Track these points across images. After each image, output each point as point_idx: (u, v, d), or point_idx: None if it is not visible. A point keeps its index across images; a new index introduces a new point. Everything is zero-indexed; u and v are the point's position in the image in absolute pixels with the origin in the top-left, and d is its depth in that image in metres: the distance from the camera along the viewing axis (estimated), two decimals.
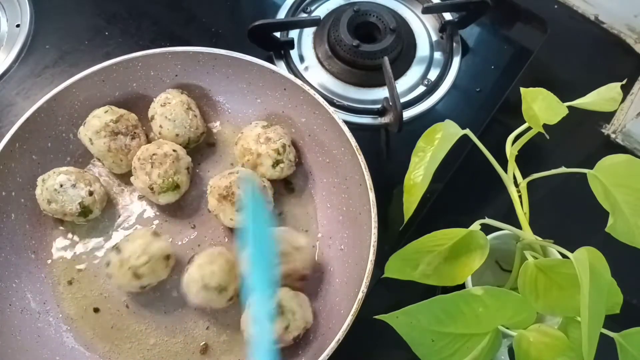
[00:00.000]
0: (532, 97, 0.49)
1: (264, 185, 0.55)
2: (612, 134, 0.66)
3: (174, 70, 0.60)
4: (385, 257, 0.43)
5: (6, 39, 0.69)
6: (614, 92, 0.50)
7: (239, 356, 0.52)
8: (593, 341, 0.34)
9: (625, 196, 0.40)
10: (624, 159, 0.41)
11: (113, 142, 0.56)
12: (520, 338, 0.39)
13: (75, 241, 0.57)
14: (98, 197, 0.55)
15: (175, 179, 0.55)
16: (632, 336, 0.40)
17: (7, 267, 0.53)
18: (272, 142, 0.56)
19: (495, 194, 0.60)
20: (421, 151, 0.45)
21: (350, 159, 0.55)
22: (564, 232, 0.47)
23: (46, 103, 0.55)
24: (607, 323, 0.36)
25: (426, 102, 0.68)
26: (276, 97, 0.60)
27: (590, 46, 0.73)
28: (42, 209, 0.54)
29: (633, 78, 0.69)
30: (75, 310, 0.54)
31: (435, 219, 0.59)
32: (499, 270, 0.53)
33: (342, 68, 0.69)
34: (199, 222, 0.58)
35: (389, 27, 0.68)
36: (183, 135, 0.58)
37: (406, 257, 0.43)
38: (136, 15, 0.72)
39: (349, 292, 0.51)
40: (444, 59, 0.71)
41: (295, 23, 0.70)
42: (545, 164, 0.48)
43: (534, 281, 0.41)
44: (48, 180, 0.54)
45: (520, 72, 0.69)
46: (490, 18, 0.74)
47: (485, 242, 0.42)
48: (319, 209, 0.59)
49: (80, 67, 0.59)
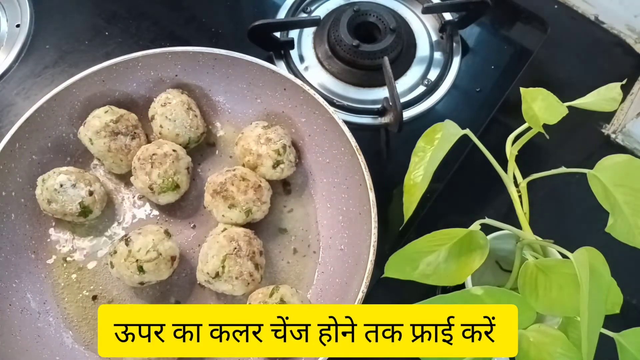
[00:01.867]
0: (532, 97, 0.49)
1: (259, 186, 0.55)
2: (612, 134, 0.66)
3: (174, 70, 0.60)
4: (385, 257, 0.43)
5: (6, 39, 0.69)
6: (614, 92, 0.50)
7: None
8: (593, 341, 0.34)
9: (625, 196, 0.40)
10: (624, 159, 0.41)
11: (113, 142, 0.56)
12: (520, 338, 0.39)
13: (75, 241, 0.57)
14: (98, 197, 0.55)
15: (175, 179, 0.55)
16: (632, 336, 0.40)
17: (7, 267, 0.53)
18: (273, 142, 0.56)
19: (495, 194, 0.60)
20: (421, 151, 0.45)
21: (350, 159, 0.55)
22: (564, 232, 0.47)
23: (46, 103, 0.55)
24: (607, 323, 0.36)
25: (426, 102, 0.68)
26: (276, 97, 0.60)
27: (590, 46, 0.73)
28: (42, 208, 0.54)
29: (633, 78, 0.69)
30: (75, 310, 0.54)
31: (435, 219, 0.59)
32: (499, 270, 0.53)
33: (342, 68, 0.69)
34: (199, 222, 0.58)
35: (389, 27, 0.68)
36: (183, 135, 0.58)
37: (406, 257, 0.43)
38: (136, 15, 0.72)
39: (349, 292, 0.51)
40: (444, 59, 0.71)
41: (295, 23, 0.70)
42: (545, 164, 0.48)
43: (534, 281, 0.41)
44: (48, 180, 0.54)
45: (520, 72, 0.69)
46: (490, 18, 0.74)
47: (485, 242, 0.42)
48: (319, 209, 0.59)
49: (80, 67, 0.59)
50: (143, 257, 0.50)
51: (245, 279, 0.51)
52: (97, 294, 0.55)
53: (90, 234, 0.57)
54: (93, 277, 0.55)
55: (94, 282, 0.55)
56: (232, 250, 0.51)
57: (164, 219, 0.58)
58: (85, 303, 0.54)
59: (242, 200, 0.54)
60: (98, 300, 0.54)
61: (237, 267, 0.51)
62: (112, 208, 0.59)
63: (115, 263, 0.51)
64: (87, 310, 0.54)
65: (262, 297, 0.50)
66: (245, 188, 0.54)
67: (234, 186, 0.54)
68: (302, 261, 0.57)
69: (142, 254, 0.50)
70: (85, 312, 0.54)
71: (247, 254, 0.51)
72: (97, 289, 0.55)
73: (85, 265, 0.56)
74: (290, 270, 0.57)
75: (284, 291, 0.50)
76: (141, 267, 0.50)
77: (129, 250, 0.51)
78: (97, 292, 0.55)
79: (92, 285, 0.55)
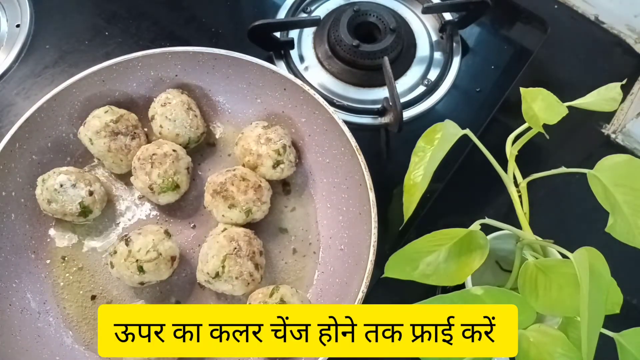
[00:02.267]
0: (532, 97, 0.49)
1: (259, 186, 0.55)
2: (612, 134, 0.66)
3: (174, 70, 0.60)
4: (385, 257, 0.43)
5: (6, 39, 0.69)
6: (614, 92, 0.50)
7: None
8: (592, 341, 0.34)
9: (625, 196, 0.40)
10: (624, 159, 0.41)
11: (113, 142, 0.56)
12: (520, 338, 0.39)
13: (75, 241, 0.57)
14: (98, 197, 0.55)
15: (175, 179, 0.55)
16: (632, 336, 0.40)
17: (7, 267, 0.53)
18: (273, 142, 0.56)
19: (495, 194, 0.60)
20: (421, 151, 0.45)
21: (350, 159, 0.55)
22: (564, 232, 0.47)
23: (46, 103, 0.55)
24: (607, 323, 0.36)
25: (426, 102, 0.68)
26: (276, 97, 0.60)
27: (590, 46, 0.73)
28: (42, 209, 0.54)
29: (633, 78, 0.69)
30: (75, 310, 0.54)
31: (435, 219, 0.59)
32: (499, 270, 0.53)
33: (342, 68, 0.69)
34: (199, 222, 0.58)
35: (389, 27, 0.68)
36: (183, 135, 0.58)
37: (406, 257, 0.43)
38: (136, 15, 0.72)
39: (349, 292, 0.51)
40: (444, 59, 0.71)
41: (295, 23, 0.70)
42: (545, 164, 0.48)
43: (534, 281, 0.41)
44: (48, 180, 0.54)
45: (520, 72, 0.69)
46: (490, 18, 0.74)
47: (485, 242, 0.42)
48: (319, 209, 0.59)
49: (80, 67, 0.59)
50: (143, 257, 0.50)
51: (245, 279, 0.51)
52: (96, 294, 0.55)
53: (90, 233, 0.57)
54: (93, 277, 0.55)
55: (94, 282, 0.55)
56: (232, 250, 0.51)
57: (164, 219, 0.58)
58: (85, 303, 0.54)
59: (242, 200, 0.54)
60: (98, 300, 0.54)
61: (237, 267, 0.51)
62: (112, 208, 0.59)
63: (115, 263, 0.51)
64: (87, 310, 0.54)
65: (262, 297, 0.50)
66: (246, 188, 0.54)
67: (234, 186, 0.54)
68: (302, 261, 0.57)
69: (142, 254, 0.50)
70: (85, 312, 0.54)
71: (247, 254, 0.51)
72: (96, 289, 0.55)
73: (85, 265, 0.56)
74: (290, 270, 0.57)
75: (284, 291, 0.50)
76: (141, 267, 0.50)
77: (129, 250, 0.51)
78: (96, 292, 0.55)
79: (92, 285, 0.55)
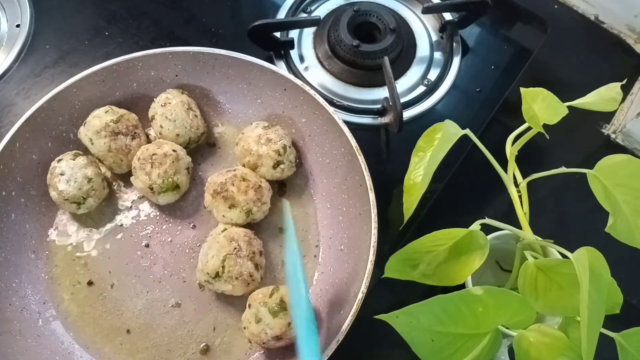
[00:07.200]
0: (532, 97, 0.49)
1: (260, 186, 0.55)
2: (612, 134, 0.66)
3: (174, 70, 0.60)
4: (385, 257, 0.43)
5: (6, 39, 0.69)
6: (614, 92, 0.51)
7: (239, 356, 0.53)
8: (592, 341, 0.35)
9: (625, 196, 0.40)
10: (624, 159, 0.41)
11: (113, 142, 0.56)
12: (520, 338, 0.40)
13: (75, 241, 0.57)
14: (97, 185, 0.56)
15: (175, 179, 0.55)
16: (632, 336, 0.40)
17: (7, 267, 0.53)
18: (273, 143, 0.56)
19: (495, 194, 0.60)
20: (421, 151, 0.45)
21: (350, 159, 0.55)
22: (564, 232, 0.47)
23: (46, 103, 0.55)
24: (607, 323, 0.37)
25: (426, 102, 0.68)
26: (276, 97, 0.60)
27: (590, 46, 0.73)
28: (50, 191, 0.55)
29: (633, 78, 0.69)
30: (75, 310, 0.54)
31: (435, 219, 0.59)
32: (499, 270, 0.53)
33: (342, 68, 0.69)
34: (199, 222, 0.58)
35: (389, 27, 0.68)
36: (184, 136, 0.58)
37: (406, 257, 0.43)
38: (136, 15, 0.72)
39: (349, 292, 0.51)
40: (444, 59, 0.71)
41: (295, 23, 0.70)
42: (545, 164, 0.48)
43: (534, 281, 0.41)
44: (59, 165, 0.55)
45: (520, 72, 0.69)
46: (490, 18, 0.74)
47: (485, 242, 0.42)
48: (319, 209, 0.59)
49: (80, 67, 0.59)
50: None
51: (245, 279, 0.51)
52: (97, 294, 0.54)
53: (90, 234, 0.57)
54: (93, 277, 0.55)
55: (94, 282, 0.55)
56: (232, 250, 0.51)
57: (164, 219, 0.58)
58: (86, 303, 0.54)
59: (243, 201, 0.54)
60: (99, 299, 0.54)
61: (237, 267, 0.51)
62: (112, 208, 0.59)
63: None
64: (87, 310, 0.54)
65: (262, 297, 0.50)
66: (246, 188, 0.54)
67: (234, 186, 0.54)
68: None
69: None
70: (85, 312, 0.54)
71: (247, 254, 0.51)
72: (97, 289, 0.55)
73: (85, 265, 0.56)
74: None
75: (284, 291, 0.50)
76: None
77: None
78: (97, 292, 0.55)
79: (92, 284, 0.55)
